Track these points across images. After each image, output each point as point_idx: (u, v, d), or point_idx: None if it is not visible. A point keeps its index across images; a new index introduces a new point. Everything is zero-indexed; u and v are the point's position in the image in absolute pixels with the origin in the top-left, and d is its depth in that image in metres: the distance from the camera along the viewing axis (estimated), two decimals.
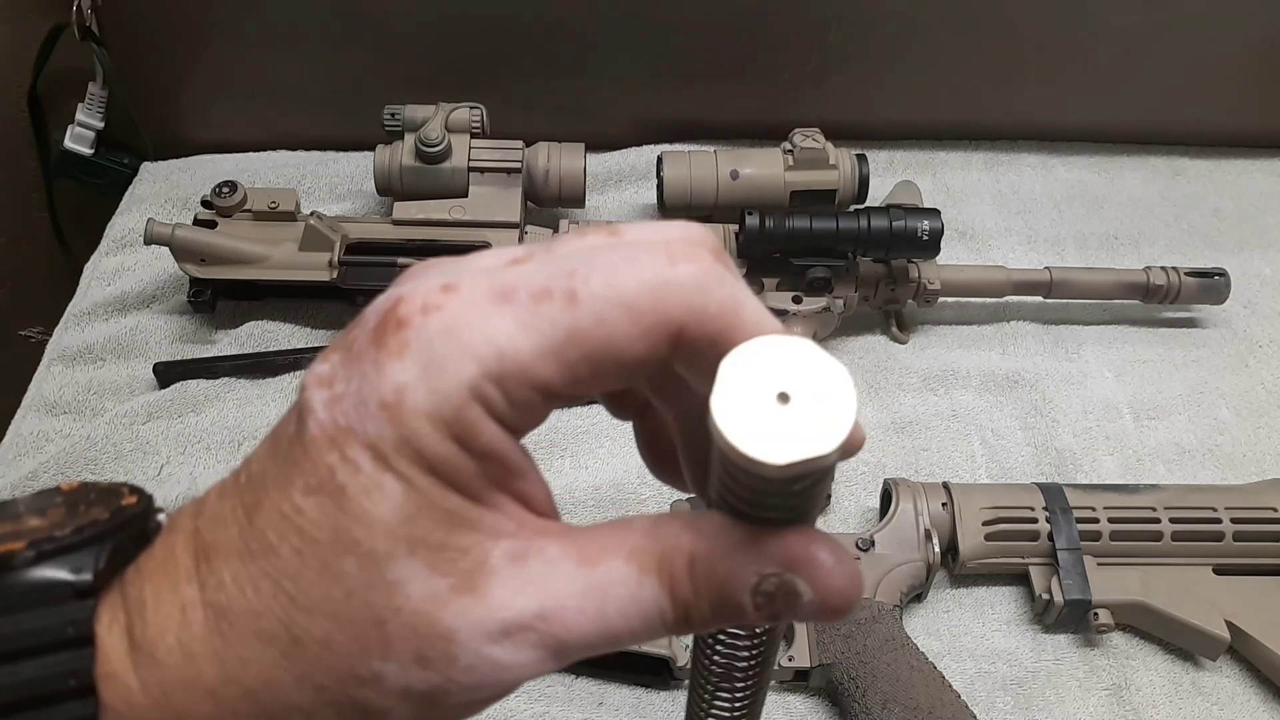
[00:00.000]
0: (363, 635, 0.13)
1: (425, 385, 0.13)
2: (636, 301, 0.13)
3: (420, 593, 0.13)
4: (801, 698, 0.35)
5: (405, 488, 0.13)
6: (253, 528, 0.14)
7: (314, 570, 0.13)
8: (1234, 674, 0.36)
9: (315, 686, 0.14)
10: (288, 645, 0.13)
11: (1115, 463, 0.43)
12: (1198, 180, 0.56)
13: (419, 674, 0.13)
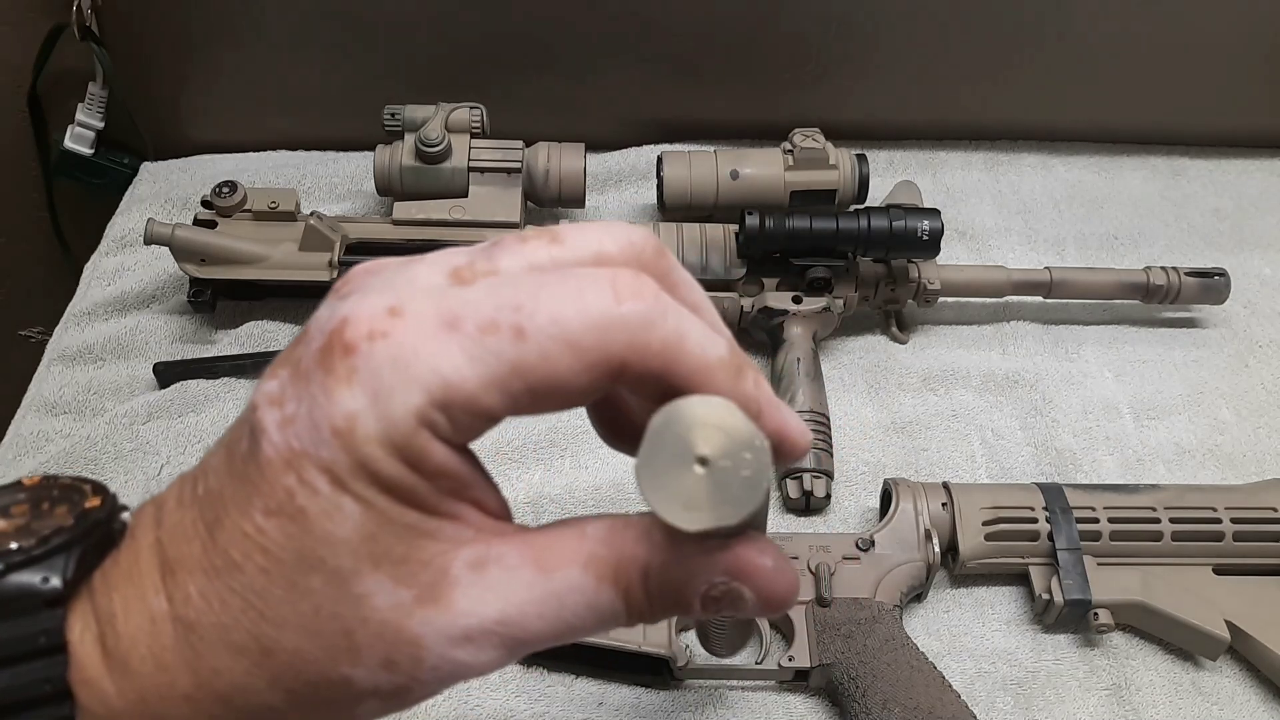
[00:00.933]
0: (332, 645, 0.14)
1: (375, 413, 0.13)
2: (581, 339, 0.14)
3: (386, 604, 0.14)
4: (801, 698, 0.35)
5: (364, 508, 0.14)
6: (216, 545, 0.14)
7: (281, 588, 0.14)
8: (1234, 674, 0.36)
9: (287, 690, 0.14)
10: (259, 656, 0.14)
11: (1115, 463, 0.43)
12: (1198, 180, 0.56)
13: (387, 677, 0.14)
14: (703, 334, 0.14)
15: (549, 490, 0.41)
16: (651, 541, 0.15)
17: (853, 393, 0.45)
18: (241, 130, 0.55)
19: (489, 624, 0.14)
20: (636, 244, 0.15)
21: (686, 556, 0.15)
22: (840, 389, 0.45)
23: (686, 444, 0.13)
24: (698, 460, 0.13)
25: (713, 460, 0.13)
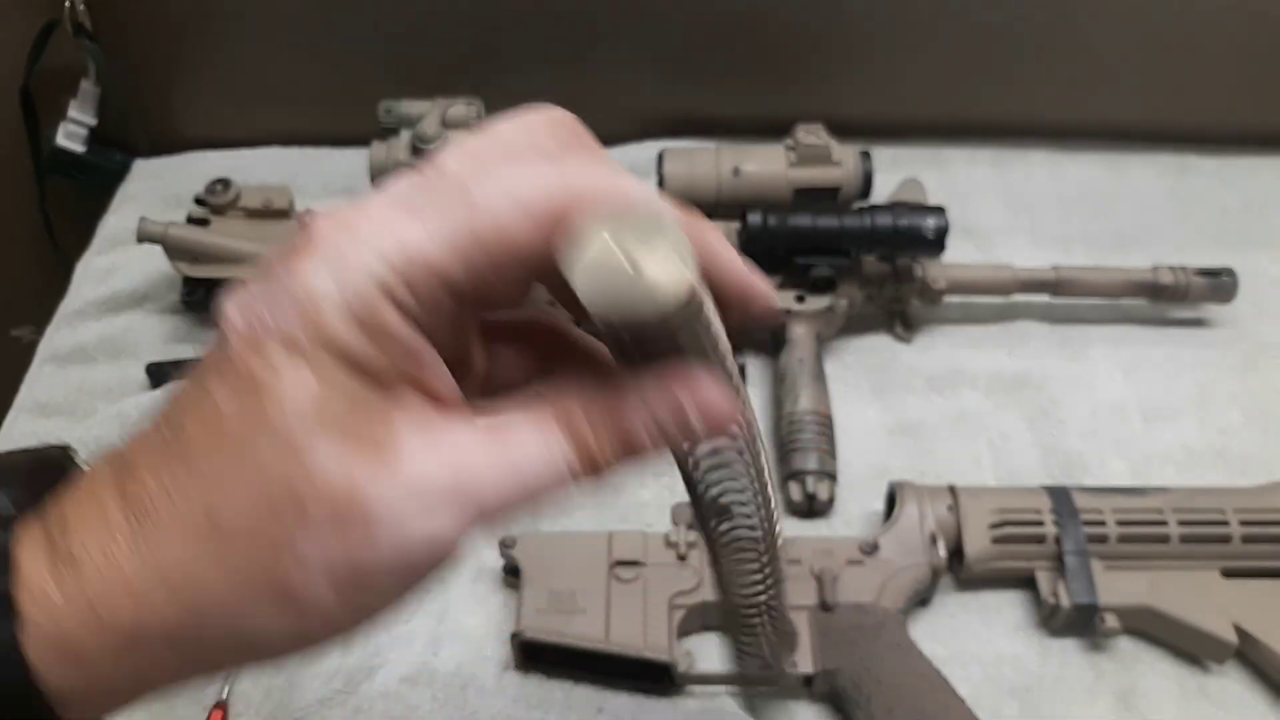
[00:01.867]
0: (281, 511, 0.14)
1: (334, 280, 0.14)
2: (529, 198, 0.14)
3: (335, 466, 0.14)
4: (805, 704, 0.35)
5: (319, 377, 0.14)
6: (174, 433, 0.15)
7: (232, 455, 0.14)
8: (1241, 678, 0.36)
9: (238, 576, 0.14)
10: (208, 533, 0.14)
11: (1123, 465, 0.42)
12: (1206, 178, 0.56)
13: (339, 546, 0.14)
14: (626, 178, 0.15)
15: None
16: (586, 384, 0.15)
17: (857, 393, 0.45)
18: (235, 127, 0.54)
19: (441, 477, 0.14)
20: (556, 117, 0.16)
21: (624, 385, 0.15)
22: (844, 389, 0.45)
23: (620, 236, 0.14)
24: (627, 257, 0.14)
25: (641, 254, 0.14)
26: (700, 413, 0.15)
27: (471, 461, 0.15)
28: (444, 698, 0.34)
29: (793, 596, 0.35)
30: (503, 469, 0.15)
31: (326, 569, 0.14)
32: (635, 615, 0.34)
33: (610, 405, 0.15)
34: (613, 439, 0.15)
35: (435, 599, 0.37)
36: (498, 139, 0.16)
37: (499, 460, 0.15)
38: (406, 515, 0.14)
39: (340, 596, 0.14)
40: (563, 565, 0.35)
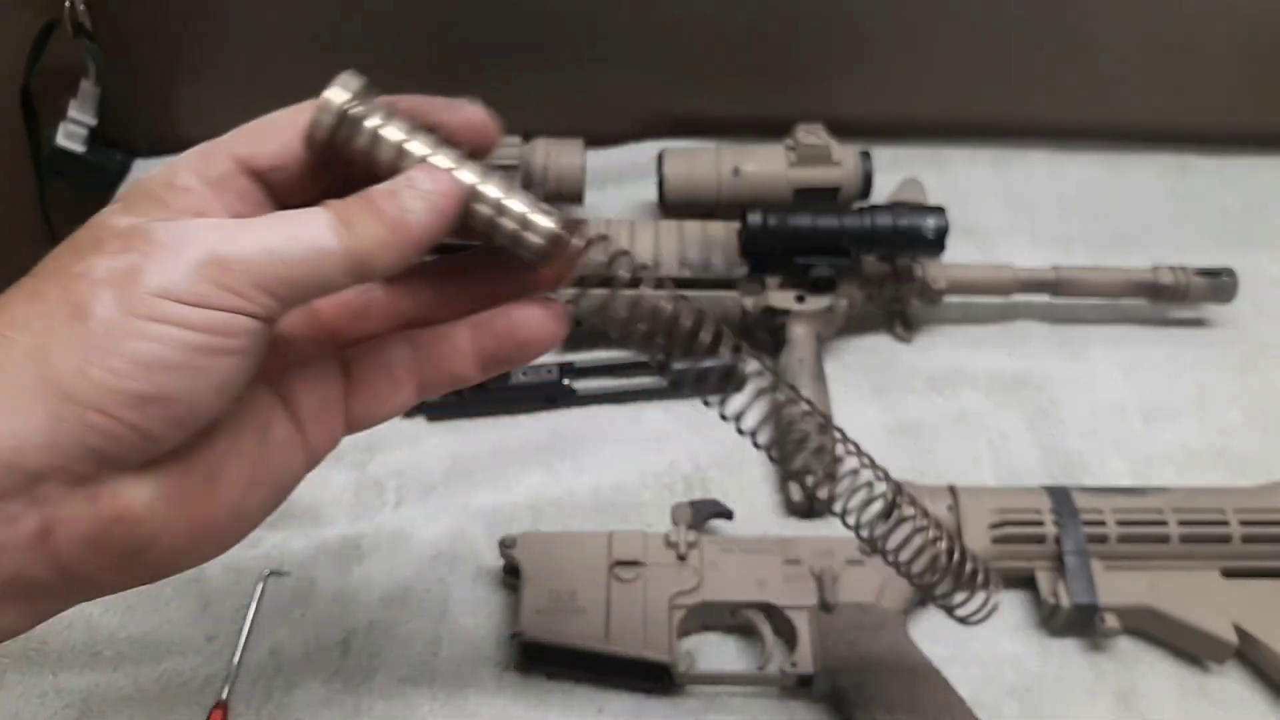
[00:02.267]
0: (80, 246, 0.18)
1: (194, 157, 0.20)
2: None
3: (122, 221, 0.19)
4: (804, 704, 0.35)
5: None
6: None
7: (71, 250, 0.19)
8: (1241, 678, 0.36)
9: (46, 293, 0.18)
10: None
11: (1123, 465, 0.42)
12: (1206, 178, 0.56)
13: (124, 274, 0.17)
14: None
15: (549, 493, 0.40)
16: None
17: (857, 393, 0.45)
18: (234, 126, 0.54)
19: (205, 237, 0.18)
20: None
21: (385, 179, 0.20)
22: (844, 390, 0.45)
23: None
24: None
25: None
26: (427, 187, 0.20)
27: (231, 234, 0.18)
28: (444, 698, 0.34)
29: (792, 597, 0.35)
30: (260, 237, 0.18)
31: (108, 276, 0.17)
32: (635, 615, 0.34)
33: (371, 190, 0.20)
34: (377, 217, 0.19)
35: (435, 599, 0.37)
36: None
37: (260, 232, 0.18)
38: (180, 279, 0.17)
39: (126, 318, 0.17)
40: (563, 565, 0.36)
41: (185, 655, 0.35)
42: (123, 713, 0.34)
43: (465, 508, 0.40)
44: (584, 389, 0.44)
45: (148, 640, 0.35)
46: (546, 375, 0.43)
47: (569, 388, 0.43)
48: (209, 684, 0.34)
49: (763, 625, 0.35)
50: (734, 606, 0.36)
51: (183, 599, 0.36)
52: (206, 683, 0.34)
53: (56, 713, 0.34)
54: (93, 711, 0.34)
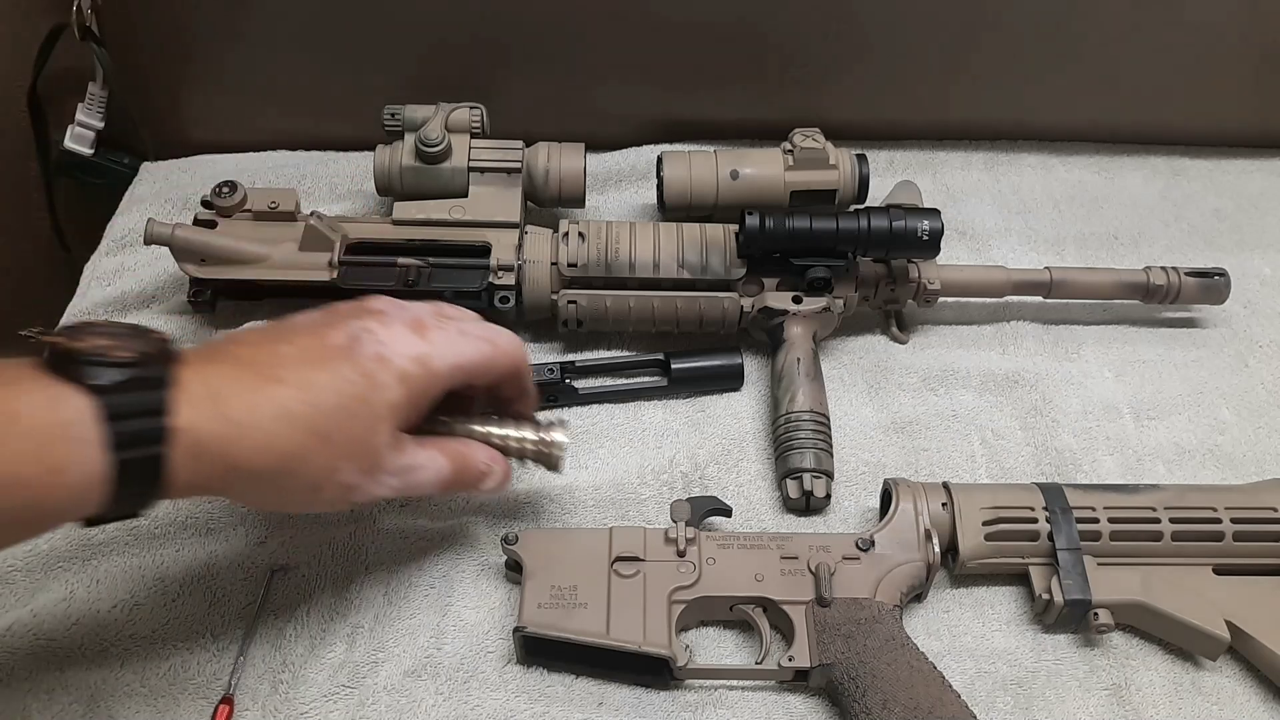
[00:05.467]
0: (350, 446, 0.30)
1: (435, 361, 0.31)
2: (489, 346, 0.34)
3: (384, 440, 0.30)
4: (801, 698, 0.35)
5: (402, 396, 0.31)
6: (313, 378, 0.29)
7: (346, 409, 0.29)
8: (1234, 674, 0.36)
9: (314, 459, 0.29)
10: (316, 438, 0.29)
11: (1115, 463, 0.43)
12: (1198, 180, 0.56)
13: (356, 476, 0.30)
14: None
15: (550, 490, 0.41)
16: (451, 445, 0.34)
17: (853, 393, 0.45)
18: (241, 130, 0.55)
19: (405, 465, 0.32)
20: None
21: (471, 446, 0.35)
22: (840, 389, 0.45)
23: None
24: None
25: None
26: (500, 471, 0.35)
27: (421, 463, 0.32)
28: (447, 691, 0.35)
29: (789, 592, 0.36)
30: (429, 470, 0.33)
31: (344, 483, 0.30)
32: (635, 610, 0.35)
33: (466, 468, 0.34)
34: (467, 475, 0.34)
35: (439, 594, 0.38)
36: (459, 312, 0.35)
37: (429, 465, 0.33)
38: (390, 475, 0.31)
39: (340, 496, 0.30)
40: (564, 561, 0.36)
41: (192, 651, 0.35)
42: (129, 708, 0.34)
43: (468, 505, 0.40)
44: (585, 388, 0.44)
45: (155, 636, 0.36)
46: (548, 374, 0.43)
47: (570, 386, 0.44)
48: (215, 679, 0.35)
49: (760, 620, 0.36)
50: (732, 601, 0.36)
51: (189, 595, 0.37)
52: (213, 678, 0.35)
53: (64, 708, 0.34)
54: (100, 707, 0.34)
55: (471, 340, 0.32)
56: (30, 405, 0.24)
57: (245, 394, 0.27)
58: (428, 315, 0.32)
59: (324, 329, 0.30)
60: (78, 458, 0.24)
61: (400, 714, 0.34)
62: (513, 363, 0.34)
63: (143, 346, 0.26)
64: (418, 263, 0.44)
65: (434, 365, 0.31)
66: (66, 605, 0.36)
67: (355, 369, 0.29)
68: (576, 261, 0.44)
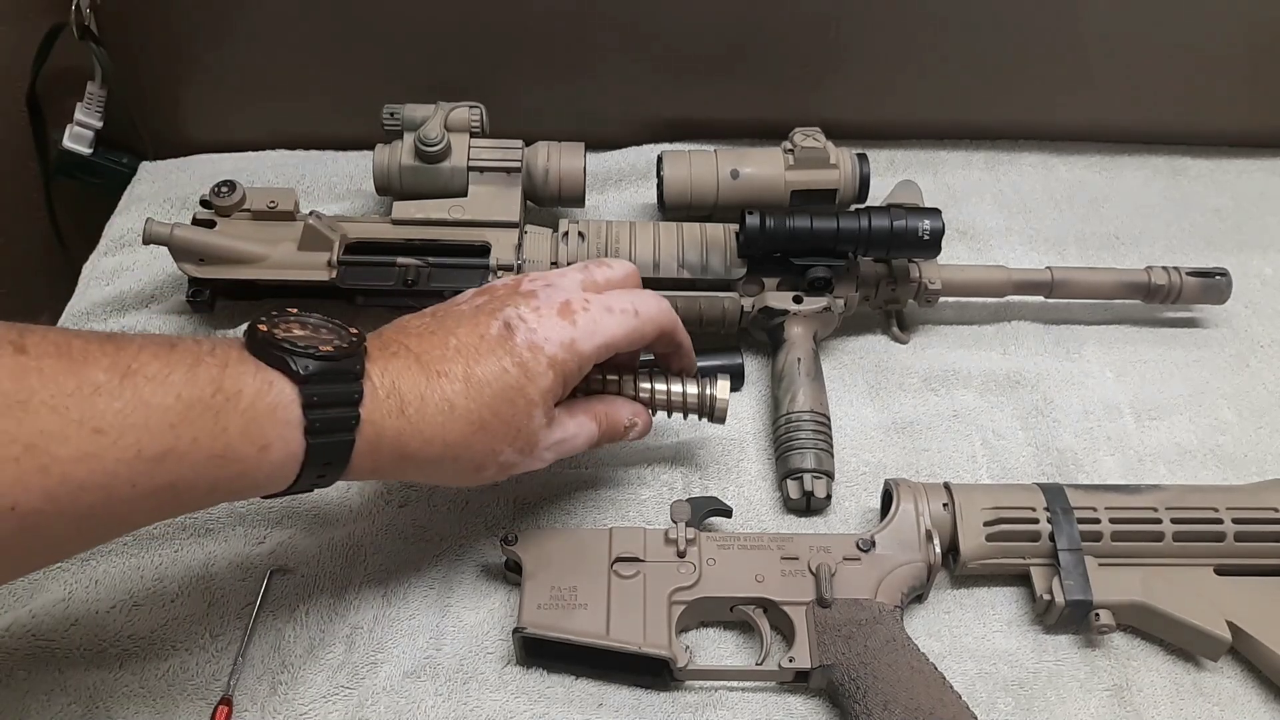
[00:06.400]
0: (508, 431, 0.32)
1: (583, 344, 0.33)
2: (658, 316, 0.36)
3: (536, 424, 0.33)
4: (802, 699, 0.35)
5: (554, 377, 0.32)
6: (473, 372, 0.31)
7: (504, 397, 0.31)
8: (1235, 675, 0.36)
9: (476, 445, 0.31)
10: (477, 427, 0.31)
11: (1116, 463, 0.43)
12: (1199, 180, 0.56)
13: (515, 456, 0.33)
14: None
15: (550, 490, 0.41)
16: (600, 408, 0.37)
17: (853, 393, 0.45)
18: (240, 130, 0.55)
19: (558, 439, 0.34)
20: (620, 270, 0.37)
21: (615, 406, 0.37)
22: (841, 389, 0.45)
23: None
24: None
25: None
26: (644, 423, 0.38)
27: (572, 433, 0.35)
28: (446, 692, 0.35)
29: (790, 593, 0.36)
30: (576, 437, 0.35)
31: (504, 462, 0.33)
32: (635, 611, 0.35)
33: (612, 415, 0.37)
34: (611, 430, 0.37)
35: (438, 595, 0.37)
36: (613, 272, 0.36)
37: (578, 433, 0.35)
38: (543, 452, 0.34)
39: (500, 471, 0.33)
40: (564, 561, 0.36)
41: (191, 652, 0.35)
42: (128, 709, 0.34)
43: (468, 505, 0.40)
44: None
45: (154, 637, 0.36)
46: None
47: None
48: (214, 680, 0.35)
49: (761, 621, 0.36)
50: (732, 602, 0.36)
51: (188, 596, 0.37)
52: (212, 679, 0.35)
53: (63, 709, 0.34)
54: (99, 708, 0.34)
55: (615, 316, 0.33)
56: (249, 385, 0.26)
57: (417, 389, 0.30)
58: (575, 295, 0.33)
59: (483, 318, 0.32)
60: (282, 437, 0.27)
61: (400, 715, 0.34)
62: (658, 328, 0.35)
63: (339, 340, 0.29)
64: (417, 262, 0.44)
65: (581, 348, 0.32)
66: (65, 606, 0.36)
67: (512, 359, 0.31)
68: (576, 261, 0.44)
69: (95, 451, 0.23)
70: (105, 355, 0.25)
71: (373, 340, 0.31)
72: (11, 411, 0.22)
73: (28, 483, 0.22)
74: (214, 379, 0.26)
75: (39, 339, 0.24)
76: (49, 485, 0.23)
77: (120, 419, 0.24)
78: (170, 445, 0.25)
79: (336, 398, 0.28)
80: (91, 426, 0.23)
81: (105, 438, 0.23)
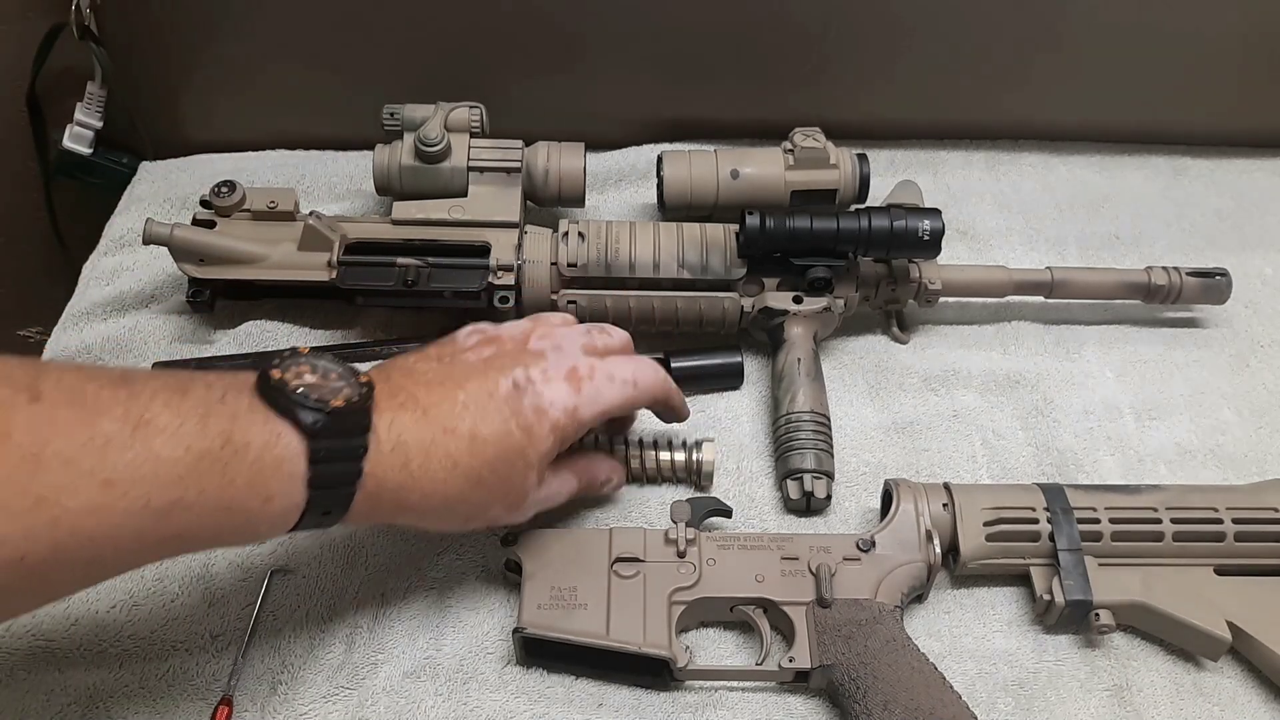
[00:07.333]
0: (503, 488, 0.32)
1: (585, 413, 0.33)
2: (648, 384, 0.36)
3: (530, 485, 0.33)
4: (802, 699, 0.35)
5: (552, 444, 0.33)
6: (478, 431, 0.31)
7: (505, 458, 0.31)
8: (1235, 675, 0.36)
9: (472, 500, 0.32)
10: (475, 483, 0.31)
11: (1116, 463, 0.43)
12: (1199, 180, 0.56)
13: (503, 511, 0.33)
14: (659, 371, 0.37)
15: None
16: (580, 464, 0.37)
17: (853, 393, 0.45)
18: (240, 130, 0.55)
19: (543, 496, 0.34)
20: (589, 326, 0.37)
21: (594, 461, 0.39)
22: (841, 389, 0.45)
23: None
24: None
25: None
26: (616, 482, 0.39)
27: (555, 491, 0.35)
28: (446, 692, 0.35)
29: (790, 593, 0.36)
30: (558, 494, 0.35)
31: (494, 516, 0.33)
32: (635, 611, 0.35)
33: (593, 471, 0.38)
34: (590, 485, 0.38)
35: (438, 595, 0.37)
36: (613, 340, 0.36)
37: (559, 490, 0.35)
38: (529, 509, 0.34)
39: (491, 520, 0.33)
40: (564, 561, 0.36)
41: (191, 652, 0.35)
42: (128, 709, 0.34)
43: None
44: None
45: (154, 637, 0.36)
46: None
47: None
48: (214, 680, 0.35)
49: (761, 621, 0.36)
50: (732, 602, 0.36)
51: (188, 597, 0.37)
52: (212, 679, 0.35)
53: (62, 709, 0.34)
54: (98, 708, 0.34)
55: (616, 386, 0.34)
56: (258, 438, 0.26)
57: (423, 444, 0.30)
58: (581, 361, 0.34)
59: (492, 374, 0.32)
60: (286, 490, 0.27)
61: (399, 715, 0.34)
62: (652, 398, 0.36)
63: (350, 391, 0.28)
64: (417, 263, 0.44)
65: (582, 415, 0.33)
66: (65, 606, 0.36)
67: (517, 421, 0.31)
68: (576, 261, 0.44)
69: (105, 504, 0.23)
70: (118, 404, 0.24)
71: (380, 385, 0.30)
72: (25, 464, 0.22)
73: (37, 535, 0.22)
74: (224, 431, 0.26)
75: (54, 384, 0.24)
76: (58, 537, 0.23)
77: (130, 471, 0.24)
78: (178, 497, 0.25)
79: (342, 452, 0.28)
80: (102, 478, 0.23)
81: (115, 490, 0.23)
